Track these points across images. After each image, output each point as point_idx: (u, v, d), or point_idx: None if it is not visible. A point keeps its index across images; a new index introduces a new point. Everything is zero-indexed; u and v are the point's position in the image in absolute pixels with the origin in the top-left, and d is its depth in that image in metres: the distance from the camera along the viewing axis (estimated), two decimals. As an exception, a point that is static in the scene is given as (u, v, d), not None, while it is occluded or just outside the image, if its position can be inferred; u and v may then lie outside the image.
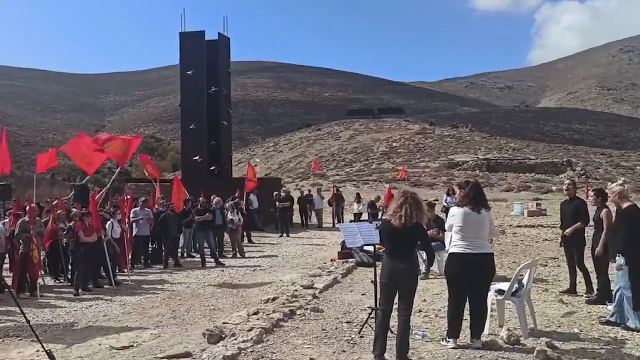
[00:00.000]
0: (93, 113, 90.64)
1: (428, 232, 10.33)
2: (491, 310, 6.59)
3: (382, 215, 19.08)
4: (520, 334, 6.21)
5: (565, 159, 53.09)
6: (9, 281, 10.05)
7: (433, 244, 10.16)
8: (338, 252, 13.21)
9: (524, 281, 6.68)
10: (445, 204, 19.40)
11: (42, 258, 11.49)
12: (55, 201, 13.98)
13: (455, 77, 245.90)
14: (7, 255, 11.41)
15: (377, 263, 7.43)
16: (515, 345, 5.95)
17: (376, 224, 6.59)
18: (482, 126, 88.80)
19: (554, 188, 39.44)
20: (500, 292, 6.60)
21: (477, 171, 49.07)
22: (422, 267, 10.32)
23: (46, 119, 74.09)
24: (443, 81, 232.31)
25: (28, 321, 6.85)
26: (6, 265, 11.68)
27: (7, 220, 11.39)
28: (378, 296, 6.11)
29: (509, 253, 13.22)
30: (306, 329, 6.95)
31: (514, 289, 6.52)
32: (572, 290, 8.60)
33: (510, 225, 19.90)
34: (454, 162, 51.87)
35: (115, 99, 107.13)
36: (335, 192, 23.69)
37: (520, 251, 13.60)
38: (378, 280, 6.00)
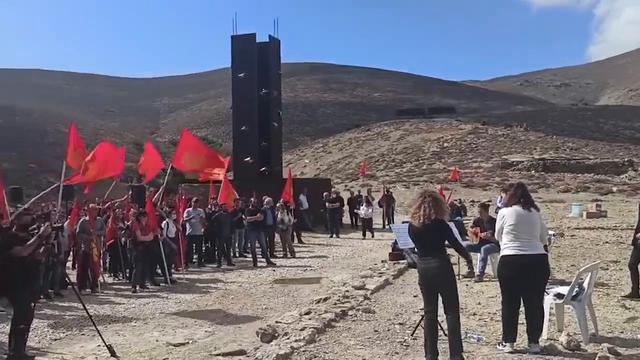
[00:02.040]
0: (148, 116, 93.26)
1: (483, 234, 10.18)
2: (550, 315, 6.40)
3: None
4: (581, 339, 6.00)
5: (626, 159, 51.02)
6: (73, 278, 10.46)
7: (487, 245, 9.99)
8: (389, 253, 13.13)
9: (585, 285, 6.45)
10: (499, 205, 18.94)
11: (102, 256, 11.92)
12: (116, 202, 14.43)
13: (509, 75, 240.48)
14: (70, 253, 11.90)
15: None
16: (576, 351, 5.76)
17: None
18: (537, 125, 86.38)
19: (614, 189, 37.93)
20: (559, 296, 6.40)
21: (533, 171, 47.77)
22: (477, 269, 10.14)
23: (104, 122, 76.78)
24: (496, 79, 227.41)
25: (90, 317, 7.13)
26: (69, 263, 12.19)
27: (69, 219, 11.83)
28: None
29: (567, 256, 12.80)
30: (358, 329, 6.94)
31: (574, 293, 6.31)
32: (634, 295, 8.24)
33: (569, 227, 19.26)
34: (508, 163, 50.68)
35: (170, 102, 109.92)
36: (386, 192, 23.53)
37: (579, 254, 13.14)
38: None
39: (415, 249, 6.02)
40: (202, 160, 13.27)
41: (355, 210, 19.24)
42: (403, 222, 10.12)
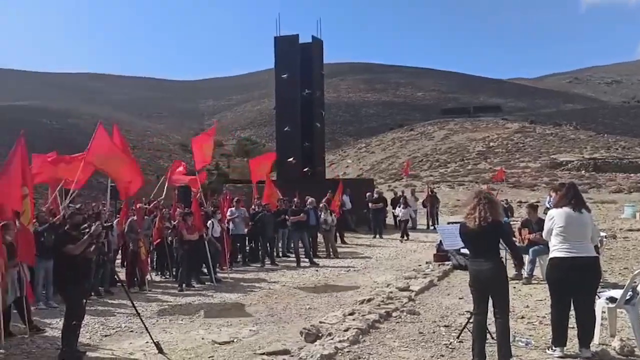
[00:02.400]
0: (193, 118, 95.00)
1: (531, 236, 9.93)
2: (602, 319, 6.19)
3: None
4: (635, 345, 5.78)
5: (682, 158, 48.86)
6: (122, 276, 10.74)
7: (536, 247, 9.74)
8: (434, 254, 12.97)
9: (639, 288, 6.21)
10: (548, 206, 18.46)
11: (149, 255, 12.19)
12: (158, 200, 14.69)
13: (557, 72, 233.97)
14: (120, 252, 12.22)
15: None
16: (629, 357, 5.56)
17: None
18: (587, 123, 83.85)
19: (669, 189, 36.39)
20: (612, 299, 6.17)
21: (583, 171, 46.36)
22: (525, 272, 9.90)
23: (151, 124, 78.62)
24: (544, 77, 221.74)
25: (138, 313, 7.30)
26: (118, 261, 12.51)
27: (118, 218, 12.15)
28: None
29: (620, 258, 12.36)
30: (402, 331, 6.87)
31: (627, 297, 6.07)
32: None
33: (621, 229, 18.59)
34: (556, 162, 49.35)
35: (214, 103, 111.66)
36: (430, 193, 23.26)
37: (632, 257, 12.67)
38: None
39: (465, 251, 5.92)
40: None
41: (393, 211, 19.04)
42: (448, 223, 9.97)
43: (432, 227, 21.56)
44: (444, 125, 70.92)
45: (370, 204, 20.05)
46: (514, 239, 10.52)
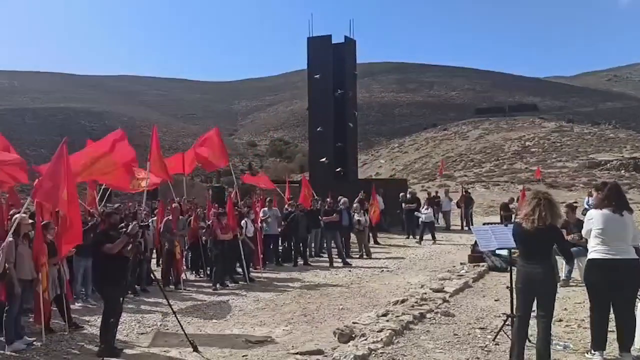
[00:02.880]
0: (227, 118, 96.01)
1: (570, 237, 9.70)
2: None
3: (515, 218, 18.18)
4: (679, 350, 5.59)
5: None
6: (157, 275, 10.90)
7: (574, 249, 9.50)
8: (468, 255, 12.81)
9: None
10: (587, 207, 18.05)
11: (184, 254, 12.35)
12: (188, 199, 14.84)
13: (596, 70, 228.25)
14: (155, 251, 12.41)
15: (513, 268, 7.09)
16: (673, 363, 5.37)
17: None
18: (627, 122, 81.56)
19: None
20: (654, 303, 5.98)
21: (623, 171, 45.08)
22: (562, 274, 9.68)
23: (186, 125, 79.76)
24: (582, 75, 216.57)
25: (174, 312, 7.40)
26: (153, 260, 12.72)
27: (155, 218, 12.35)
28: (514, 303, 5.83)
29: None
30: (437, 333, 6.80)
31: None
32: None
33: (663, 231, 18.03)
34: (595, 162, 48.12)
35: (247, 104, 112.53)
36: (464, 193, 22.98)
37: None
38: (514, 285, 5.72)
39: (501, 252, 5.82)
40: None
41: (416, 213, 18.63)
42: (484, 224, 9.83)
43: (466, 228, 21.33)
44: (479, 124, 69.94)
45: (403, 205, 19.92)
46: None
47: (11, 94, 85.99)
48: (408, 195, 20.61)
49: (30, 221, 7.72)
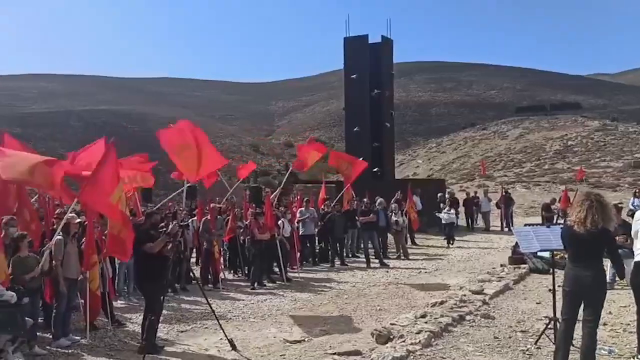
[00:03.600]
0: (264, 119, 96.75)
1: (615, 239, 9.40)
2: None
3: (557, 219, 17.76)
4: None
5: None
6: (197, 274, 11.06)
7: (619, 251, 9.21)
8: (509, 257, 12.58)
9: None
10: (633, 208, 17.49)
11: (222, 254, 12.50)
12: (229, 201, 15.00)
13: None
14: (194, 250, 12.59)
15: (555, 270, 6.93)
16: None
17: (560, 228, 6.10)
18: (675, 120, 78.52)
19: None
20: None
21: (670, 171, 43.48)
22: (608, 276, 9.39)
23: (224, 126, 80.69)
24: (627, 72, 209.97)
25: (213, 311, 7.48)
26: (192, 259, 12.90)
27: (195, 218, 12.54)
28: (557, 305, 5.69)
29: None
30: (477, 335, 6.69)
31: None
32: None
33: None
34: (640, 161, 46.59)
35: (284, 105, 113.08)
36: (504, 194, 22.57)
37: None
38: (561, 288, 5.57)
39: (543, 254, 5.68)
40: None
41: (437, 214, 18.17)
42: (526, 225, 9.62)
43: (506, 229, 20.96)
44: (519, 123, 68.55)
45: (441, 205, 19.70)
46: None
47: (58, 97, 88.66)
48: (447, 196, 20.36)
49: (78, 220, 7.91)
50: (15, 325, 5.15)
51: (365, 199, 15.60)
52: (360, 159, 22.52)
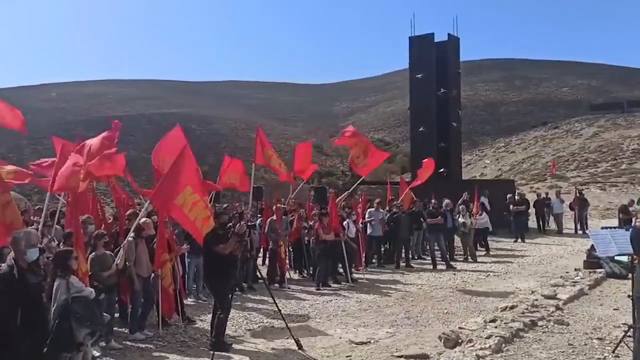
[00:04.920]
0: (328, 120, 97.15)
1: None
2: None
3: (635, 221, 16.85)
4: None
5: None
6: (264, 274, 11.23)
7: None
8: (584, 260, 12.05)
9: None
10: None
11: (287, 254, 12.63)
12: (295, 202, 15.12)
13: None
14: (262, 250, 12.79)
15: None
16: None
17: (631, 230, 5.81)
18: None
19: None
20: None
21: None
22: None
23: (288, 127, 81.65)
24: None
25: (280, 310, 7.57)
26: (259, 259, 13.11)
27: (261, 218, 12.75)
28: (636, 312, 5.39)
29: None
30: (550, 342, 6.45)
31: None
32: None
33: None
34: None
35: (347, 105, 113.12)
36: (578, 195, 21.65)
37: None
38: (635, 294, 5.29)
39: (621, 258, 5.39)
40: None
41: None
42: (602, 228, 9.19)
43: (580, 232, 20.11)
44: (593, 122, 65.53)
45: (511, 207, 19.14)
46: None
47: (130, 101, 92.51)
48: (516, 197, 19.76)
49: (144, 219, 8.18)
50: (93, 320, 5.39)
51: (433, 200, 15.35)
52: (426, 159, 22.39)
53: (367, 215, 13.67)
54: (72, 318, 5.17)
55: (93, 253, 7.04)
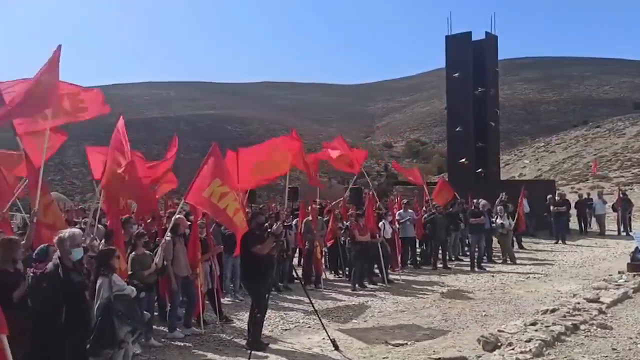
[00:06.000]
0: (363, 120, 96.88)
1: None
2: None
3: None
4: None
5: None
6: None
7: None
8: (628, 263, 11.66)
9: None
10: None
11: (323, 254, 12.63)
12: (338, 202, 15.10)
13: None
14: (296, 250, 12.84)
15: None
16: None
17: None
18: None
19: None
20: None
21: None
22: None
23: (323, 128, 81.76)
24: None
25: (316, 311, 7.58)
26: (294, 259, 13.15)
27: (297, 219, 12.78)
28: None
29: None
30: (593, 346, 6.28)
31: None
32: None
33: None
34: None
35: (383, 105, 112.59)
36: (621, 195, 21.03)
37: None
38: None
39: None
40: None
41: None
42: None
43: (623, 233, 19.55)
44: (637, 120, 63.59)
45: (551, 207, 18.73)
46: None
47: (168, 103, 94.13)
48: (557, 198, 19.34)
49: (181, 216, 8.30)
50: (134, 318, 5.51)
51: (475, 200, 15.14)
52: (463, 160, 22.14)
53: (397, 217, 13.56)
54: (114, 316, 5.30)
55: (133, 252, 7.19)
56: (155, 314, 7.90)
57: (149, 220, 10.15)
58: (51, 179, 43.07)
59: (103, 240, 7.21)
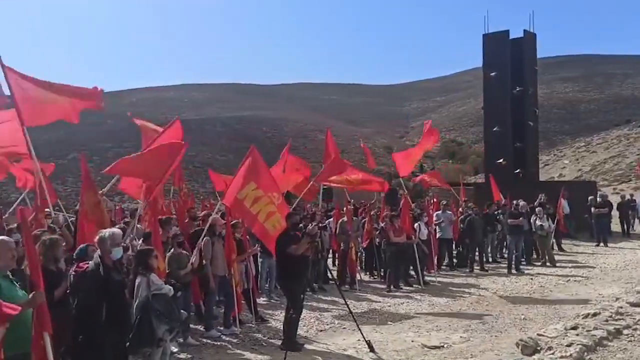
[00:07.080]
0: (398, 121, 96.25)
1: None
2: None
3: None
4: None
5: None
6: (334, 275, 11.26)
7: None
8: (674, 267, 11.30)
9: None
10: None
11: (359, 255, 12.59)
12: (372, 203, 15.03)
13: None
14: (332, 252, 12.84)
15: None
16: None
17: None
18: None
19: None
20: None
21: None
22: None
23: (357, 128, 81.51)
24: None
25: (351, 312, 7.57)
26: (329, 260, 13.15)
27: (332, 219, 12.78)
28: None
29: None
30: (636, 352, 6.09)
31: None
32: None
33: None
34: None
35: (418, 105, 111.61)
36: (666, 196, 20.35)
37: None
38: None
39: None
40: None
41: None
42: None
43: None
44: (683, 119, 61.61)
45: (593, 209, 18.24)
46: None
47: (204, 105, 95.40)
48: (598, 199, 18.85)
49: (216, 216, 8.38)
50: (172, 317, 5.58)
51: (515, 201, 14.87)
52: (501, 160, 21.77)
53: (435, 218, 13.41)
54: (152, 314, 5.39)
55: (170, 252, 7.30)
56: (192, 313, 8.01)
57: (186, 221, 10.28)
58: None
59: (142, 240, 7.34)
